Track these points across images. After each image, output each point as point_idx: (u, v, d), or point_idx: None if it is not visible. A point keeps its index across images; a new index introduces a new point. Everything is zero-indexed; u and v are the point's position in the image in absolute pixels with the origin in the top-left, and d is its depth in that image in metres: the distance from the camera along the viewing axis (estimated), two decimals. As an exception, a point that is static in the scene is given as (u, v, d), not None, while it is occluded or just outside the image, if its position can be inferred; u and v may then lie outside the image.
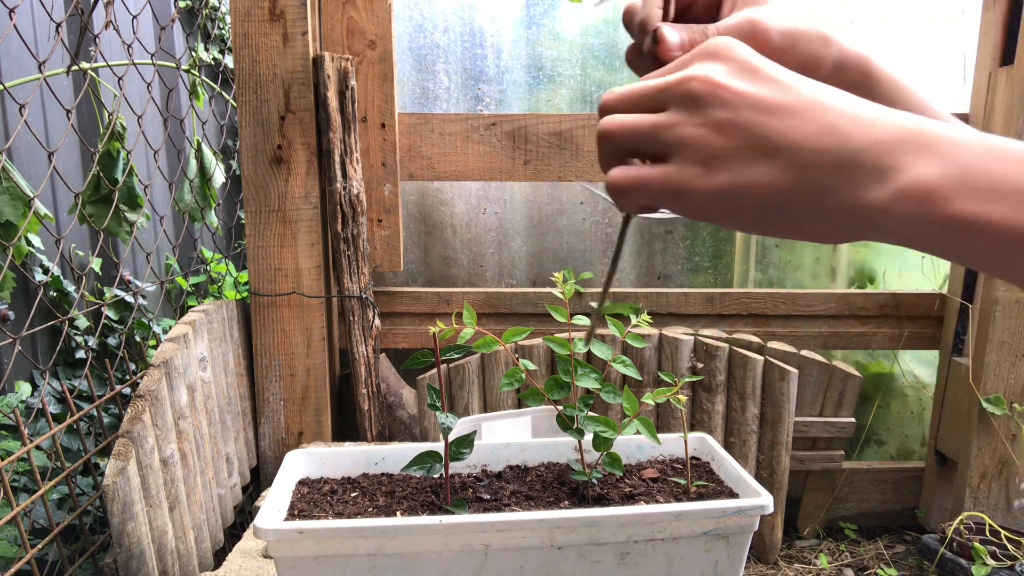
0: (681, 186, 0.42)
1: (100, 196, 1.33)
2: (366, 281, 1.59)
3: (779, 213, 0.40)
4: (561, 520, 0.82)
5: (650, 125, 0.43)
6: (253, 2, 1.43)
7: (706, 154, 0.41)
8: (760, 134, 0.39)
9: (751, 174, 0.40)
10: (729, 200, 0.41)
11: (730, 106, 0.40)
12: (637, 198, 0.44)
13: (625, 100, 0.45)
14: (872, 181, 0.37)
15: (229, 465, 1.45)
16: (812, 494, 1.80)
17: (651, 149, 0.43)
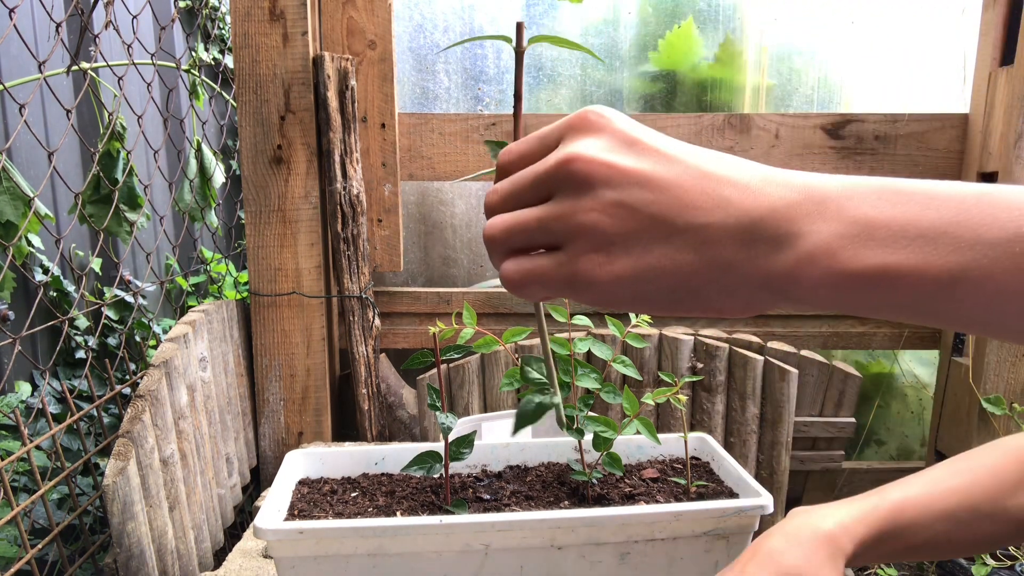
0: (578, 276, 0.39)
1: (100, 196, 1.33)
2: (366, 281, 1.59)
3: (687, 294, 0.38)
4: (561, 520, 0.82)
5: (536, 219, 0.40)
6: (253, 2, 1.43)
7: (601, 240, 0.38)
8: (653, 214, 0.37)
9: (651, 257, 0.38)
10: (633, 285, 0.39)
11: (616, 185, 0.38)
12: (535, 291, 0.42)
13: (508, 198, 0.43)
14: (773, 251, 0.36)
15: (229, 465, 1.45)
16: (812, 494, 1.80)
17: (543, 241, 0.41)
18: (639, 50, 1.80)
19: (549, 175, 0.40)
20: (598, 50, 1.81)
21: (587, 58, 1.81)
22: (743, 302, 0.38)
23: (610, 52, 1.80)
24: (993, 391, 1.62)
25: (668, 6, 1.79)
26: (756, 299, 0.38)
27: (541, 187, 0.41)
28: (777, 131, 1.67)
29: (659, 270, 0.38)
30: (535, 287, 0.41)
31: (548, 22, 1.79)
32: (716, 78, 1.81)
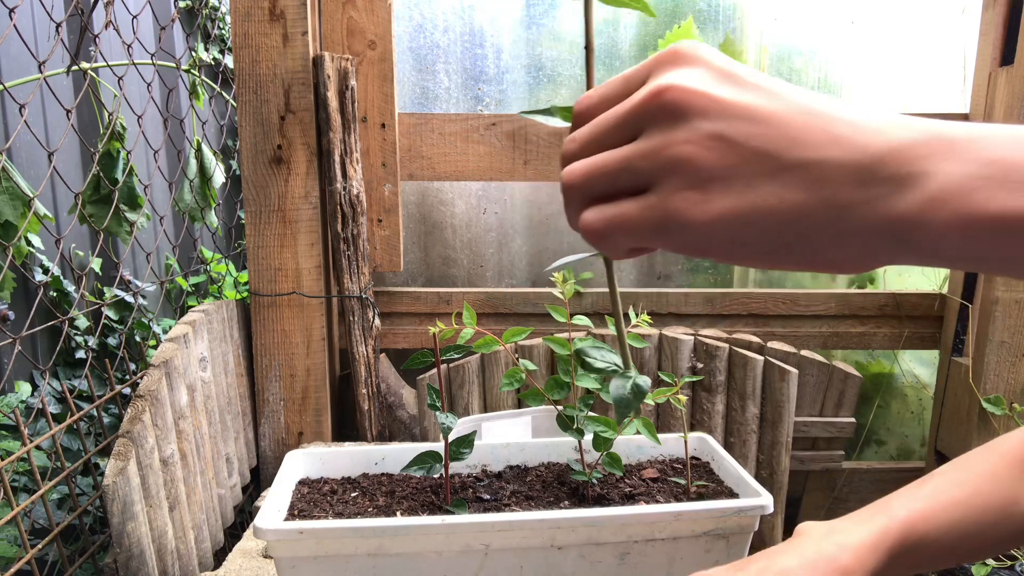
0: (670, 217, 0.35)
1: (100, 196, 1.33)
2: (366, 281, 1.59)
3: (795, 238, 0.34)
4: (561, 520, 0.82)
5: (621, 159, 0.37)
6: (253, 2, 1.43)
7: (698, 176, 0.34)
8: (758, 148, 0.34)
9: (756, 195, 0.34)
10: (733, 228, 0.35)
11: (716, 117, 0.34)
12: (620, 240, 0.37)
13: (588, 143, 0.39)
14: (897, 191, 0.32)
15: (229, 465, 1.45)
16: (812, 494, 1.80)
17: (628, 184, 0.37)
18: (639, 50, 1.80)
19: (637, 109, 0.36)
20: (598, 50, 1.81)
21: (587, 58, 1.81)
22: (857, 251, 0.34)
23: (610, 52, 1.80)
24: (993, 391, 1.62)
25: (668, 6, 1.79)
26: (872, 248, 0.34)
27: (627, 125, 0.37)
28: (777, 131, 1.67)
29: (764, 210, 0.34)
30: (620, 236, 0.37)
31: (548, 22, 1.79)
32: (716, 78, 1.81)
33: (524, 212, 1.88)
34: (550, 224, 1.88)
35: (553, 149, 1.67)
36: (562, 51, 1.80)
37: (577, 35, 1.80)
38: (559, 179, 0.40)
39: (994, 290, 1.60)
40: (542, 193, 1.87)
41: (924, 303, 1.76)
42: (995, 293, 1.60)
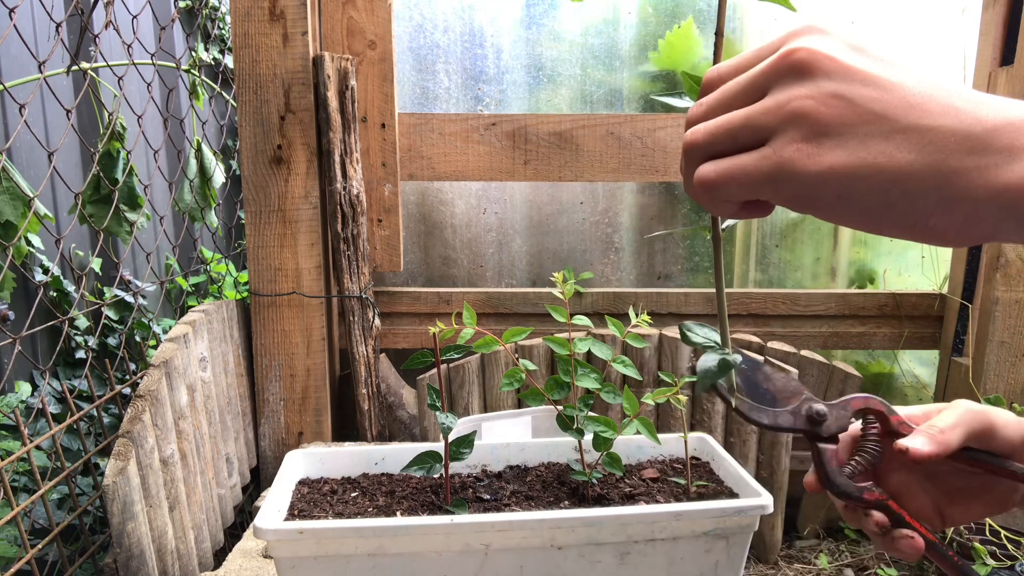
0: (783, 167, 0.37)
1: (100, 196, 1.33)
2: (366, 281, 1.59)
3: (900, 197, 0.36)
4: (561, 520, 0.82)
5: (743, 116, 0.39)
6: (253, 2, 1.43)
7: (813, 129, 0.36)
8: (875, 110, 0.35)
9: (867, 152, 0.35)
10: (842, 181, 0.36)
11: (839, 78, 0.36)
12: (734, 191, 0.39)
13: (715, 106, 0.41)
14: (1008, 162, 0.34)
15: (229, 465, 1.45)
16: (812, 494, 1.80)
17: (748, 140, 0.39)
18: (639, 50, 1.80)
19: (767, 70, 0.38)
20: (598, 50, 1.81)
21: (587, 58, 1.81)
22: (961, 218, 0.35)
23: (610, 52, 1.80)
24: (993, 391, 1.62)
25: (668, 6, 1.79)
26: (977, 216, 0.35)
27: (755, 87, 0.39)
28: (777, 131, 1.67)
29: (874, 167, 0.35)
30: (733, 185, 0.39)
31: (548, 22, 1.79)
32: (716, 78, 1.81)
33: (524, 212, 1.88)
34: (550, 224, 1.88)
35: (553, 149, 1.67)
36: (562, 51, 1.80)
37: (577, 35, 1.80)
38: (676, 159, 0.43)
39: (994, 290, 1.60)
40: (542, 193, 1.87)
41: (924, 303, 1.76)
42: (995, 293, 1.60)
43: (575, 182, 1.79)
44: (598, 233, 1.89)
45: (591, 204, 1.87)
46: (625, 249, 1.90)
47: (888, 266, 1.91)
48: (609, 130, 1.67)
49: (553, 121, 1.67)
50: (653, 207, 1.88)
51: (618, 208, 1.88)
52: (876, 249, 1.91)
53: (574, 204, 1.87)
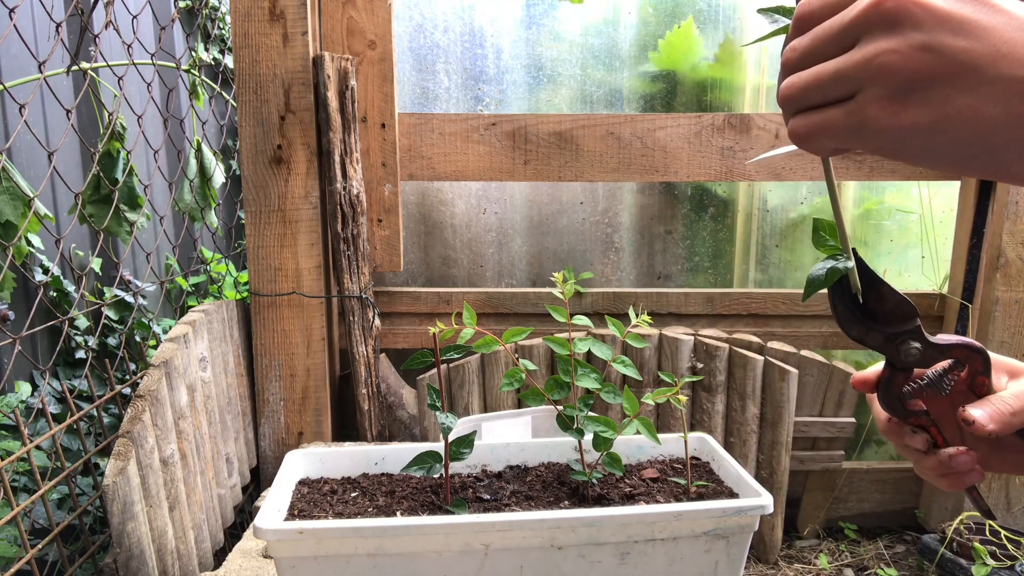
0: (867, 123, 0.38)
1: (100, 196, 1.33)
2: (366, 281, 1.59)
3: (984, 150, 0.37)
4: (561, 520, 0.82)
5: (833, 70, 0.39)
6: (253, 2, 1.43)
7: (898, 85, 0.37)
8: (963, 62, 0.36)
9: (951, 108, 0.36)
10: (925, 136, 0.37)
11: (928, 28, 0.36)
12: (824, 142, 0.41)
13: (809, 53, 0.41)
14: None
15: (229, 465, 1.45)
16: (812, 494, 1.80)
17: (838, 93, 0.40)
18: (639, 50, 1.80)
19: (857, 19, 0.38)
20: (598, 50, 1.81)
21: (587, 58, 1.81)
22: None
23: (610, 52, 1.80)
24: (993, 391, 1.62)
25: (668, 6, 1.79)
26: None
27: (846, 34, 0.39)
28: (777, 131, 1.67)
29: (958, 121, 0.36)
30: (822, 138, 0.41)
31: (548, 22, 1.79)
32: (716, 78, 1.81)
33: (524, 212, 1.88)
34: (550, 224, 1.88)
35: (553, 149, 1.67)
36: (562, 51, 1.80)
37: (577, 35, 1.80)
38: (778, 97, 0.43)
39: (994, 290, 1.60)
40: (542, 193, 1.87)
41: (924, 303, 1.76)
42: (995, 293, 1.60)
43: (575, 182, 1.79)
44: (598, 233, 1.89)
45: (591, 204, 1.87)
46: (625, 249, 1.90)
47: (888, 266, 1.91)
48: (609, 130, 1.67)
49: (553, 121, 1.67)
50: (653, 207, 1.88)
51: (618, 208, 1.88)
52: (876, 249, 1.91)
53: (574, 204, 1.87)
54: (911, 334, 0.53)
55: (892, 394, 0.55)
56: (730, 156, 1.68)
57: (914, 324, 0.53)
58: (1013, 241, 1.58)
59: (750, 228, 1.91)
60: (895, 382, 0.55)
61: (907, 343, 0.53)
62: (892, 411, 0.55)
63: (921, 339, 0.53)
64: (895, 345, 0.53)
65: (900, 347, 0.53)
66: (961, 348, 0.54)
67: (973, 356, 0.54)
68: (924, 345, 0.53)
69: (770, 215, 1.89)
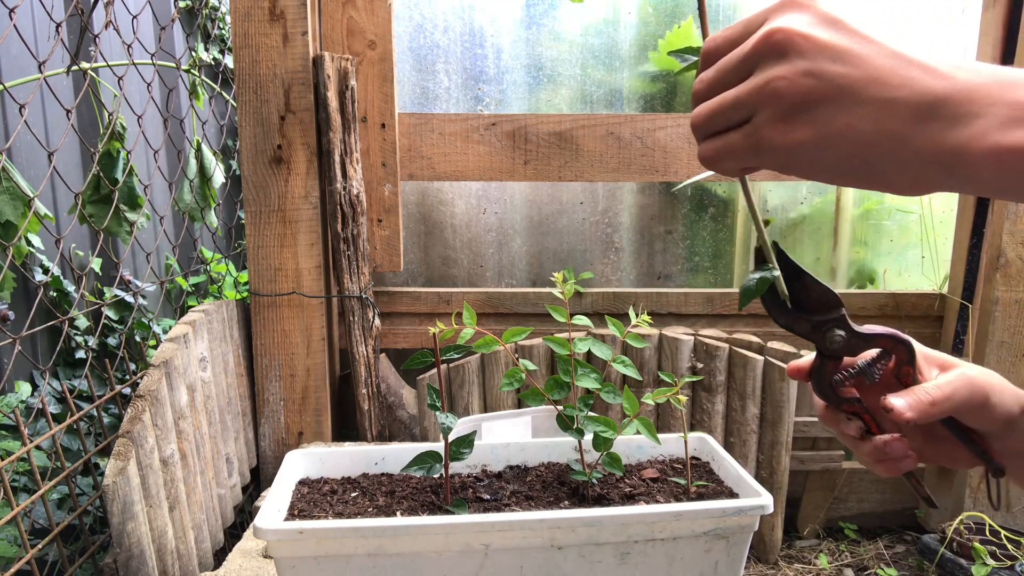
0: (762, 143, 0.43)
1: (100, 196, 1.33)
2: (366, 281, 1.59)
3: (861, 164, 0.41)
4: (561, 520, 0.82)
5: (733, 98, 0.44)
6: (253, 2, 1.43)
7: (786, 107, 0.41)
8: (841, 85, 0.40)
9: (832, 127, 0.41)
10: (812, 152, 0.42)
11: (811, 56, 0.41)
12: (729, 164, 0.46)
13: (714, 84, 0.46)
14: (949, 127, 0.39)
15: (229, 465, 1.45)
16: (812, 494, 1.80)
17: (737, 118, 0.44)
18: (639, 50, 1.80)
19: (752, 50, 0.43)
20: (598, 50, 1.81)
21: (587, 58, 1.81)
22: (911, 177, 0.41)
23: (610, 52, 1.80)
24: (993, 391, 1.61)
25: (668, 6, 1.79)
26: (924, 175, 0.40)
27: (743, 65, 0.44)
28: (777, 131, 1.67)
29: (838, 139, 0.41)
30: (727, 160, 0.46)
31: (548, 22, 1.79)
32: (716, 78, 1.81)
33: (524, 212, 1.88)
34: (550, 224, 1.88)
35: (553, 149, 1.67)
36: (562, 51, 1.80)
37: (577, 35, 1.79)
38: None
39: (994, 290, 1.60)
40: (542, 193, 1.87)
41: (924, 303, 1.76)
42: (995, 293, 1.60)
43: (575, 182, 1.79)
44: (598, 233, 1.89)
45: (591, 204, 1.87)
46: (625, 249, 1.90)
47: (888, 266, 1.91)
48: (609, 130, 1.67)
49: (553, 121, 1.67)
50: (653, 207, 1.88)
51: (618, 208, 1.88)
52: (876, 249, 1.91)
53: (574, 204, 1.87)
54: (835, 323, 0.56)
55: (824, 381, 0.57)
56: (730, 156, 1.68)
57: (838, 313, 0.56)
58: (1013, 241, 1.58)
59: (750, 228, 1.91)
60: (826, 370, 0.57)
61: (832, 331, 0.56)
62: (825, 398, 0.58)
63: (846, 328, 0.56)
64: (821, 333, 0.56)
65: (825, 335, 0.56)
66: (885, 338, 0.56)
67: (898, 346, 0.56)
68: (849, 333, 0.56)
69: (770, 215, 1.89)
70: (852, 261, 1.93)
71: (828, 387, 0.57)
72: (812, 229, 1.90)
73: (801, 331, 0.56)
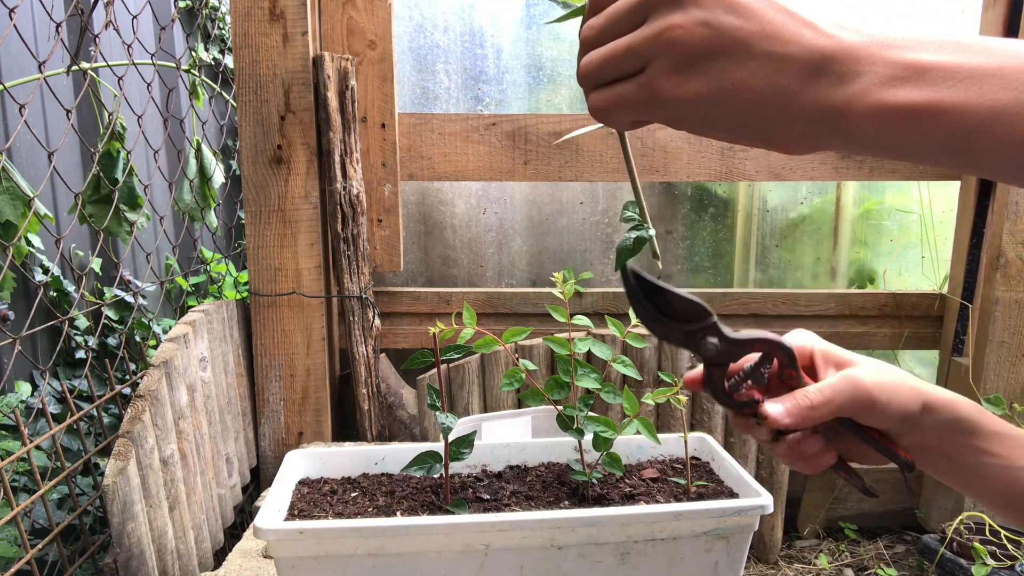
0: (655, 94, 0.42)
1: (100, 196, 1.33)
2: (366, 281, 1.59)
3: (752, 118, 0.41)
4: (561, 520, 0.82)
5: (626, 46, 0.43)
6: (253, 2, 1.43)
7: (681, 58, 0.41)
8: (735, 38, 0.40)
9: (725, 80, 0.40)
10: (704, 106, 0.41)
11: (706, 6, 0.40)
12: (619, 116, 0.45)
13: (604, 31, 0.45)
14: (834, 85, 0.39)
15: (229, 465, 1.45)
16: (812, 494, 1.80)
17: (630, 68, 0.43)
18: (639, 50, 1.80)
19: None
20: (598, 50, 1.80)
21: (587, 58, 1.81)
22: (799, 134, 0.41)
23: (610, 52, 1.80)
24: (993, 391, 1.62)
25: (668, 6, 1.79)
26: (811, 132, 0.41)
27: (637, 12, 0.43)
28: (777, 131, 1.67)
29: (731, 93, 0.41)
30: (618, 111, 0.44)
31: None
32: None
33: (524, 212, 1.88)
34: (550, 224, 1.88)
35: (553, 149, 1.67)
36: (562, 51, 1.80)
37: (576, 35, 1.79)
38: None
39: (994, 290, 1.60)
40: (542, 193, 1.87)
41: (924, 303, 1.76)
42: (995, 293, 1.60)
43: (575, 182, 1.79)
44: (598, 233, 1.89)
45: (591, 204, 1.87)
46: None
47: (888, 266, 1.91)
48: (609, 130, 1.67)
49: (553, 121, 1.67)
50: (653, 207, 1.88)
51: (618, 208, 1.88)
52: (876, 249, 1.91)
53: (574, 204, 1.87)
54: (708, 331, 0.56)
55: (716, 387, 0.58)
56: (730, 156, 1.68)
57: (709, 321, 0.56)
58: (1013, 241, 1.58)
59: (750, 228, 1.91)
60: (714, 376, 0.58)
61: (704, 340, 0.56)
62: (723, 403, 0.58)
63: (719, 335, 0.56)
64: (695, 341, 0.56)
65: (699, 343, 0.56)
66: (761, 343, 0.57)
67: (774, 349, 0.57)
68: (722, 340, 0.56)
69: (770, 215, 1.89)
70: (852, 261, 1.93)
71: (723, 393, 0.58)
72: (812, 229, 1.90)
73: (677, 341, 0.57)
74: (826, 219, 1.90)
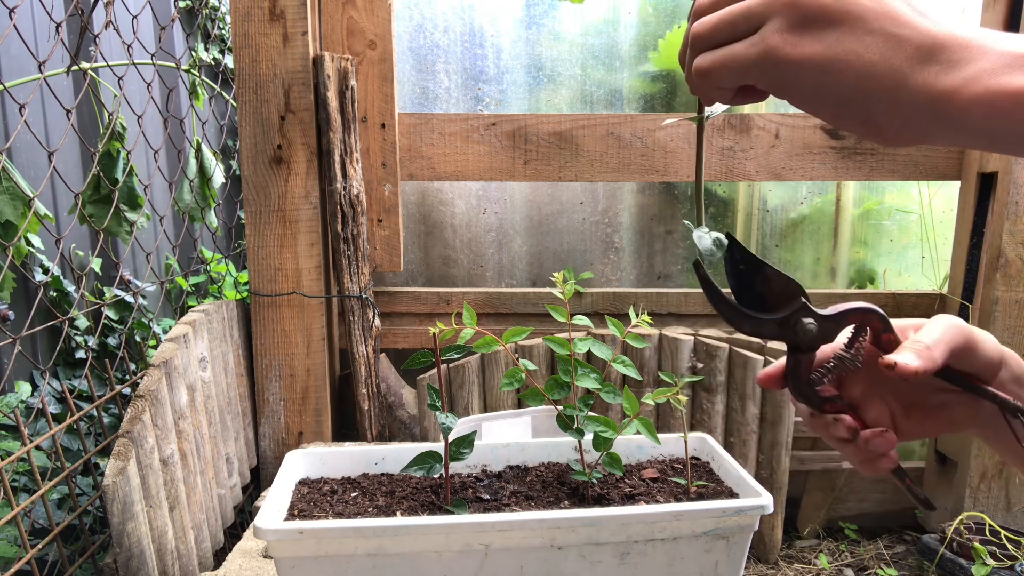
0: (769, 51, 0.42)
1: (100, 196, 1.33)
2: (366, 281, 1.59)
3: (860, 95, 0.42)
4: (561, 520, 0.82)
5: (743, 6, 0.44)
6: (253, 2, 1.43)
7: (800, 17, 0.41)
8: (854, 12, 0.41)
9: (840, 49, 0.41)
10: (816, 74, 0.42)
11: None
12: (726, 75, 0.45)
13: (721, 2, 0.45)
14: (945, 71, 0.40)
15: (229, 465, 1.45)
16: (812, 494, 1.80)
17: (744, 30, 0.44)
18: (639, 50, 1.80)
19: None
20: (598, 50, 1.81)
21: (587, 58, 1.81)
22: (902, 121, 0.42)
23: (610, 52, 1.80)
24: (993, 391, 1.61)
25: (668, 6, 1.79)
26: (915, 119, 0.41)
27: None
28: (777, 131, 1.67)
29: (844, 64, 0.41)
30: (725, 71, 0.44)
31: (548, 22, 1.79)
32: (716, 78, 1.81)
33: (524, 212, 1.88)
34: (550, 224, 1.88)
35: (553, 149, 1.67)
36: (562, 51, 1.80)
37: (577, 35, 1.79)
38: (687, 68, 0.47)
39: (994, 290, 1.60)
40: (542, 193, 1.87)
41: (924, 303, 1.76)
42: (995, 293, 1.60)
43: (575, 182, 1.79)
44: (598, 233, 1.89)
45: (591, 204, 1.87)
46: (625, 249, 1.90)
47: (888, 266, 1.91)
48: (609, 130, 1.67)
49: (553, 121, 1.67)
50: (653, 207, 1.88)
51: (618, 208, 1.88)
52: (876, 249, 1.91)
53: (574, 204, 1.87)
54: (802, 312, 0.53)
55: (802, 381, 0.54)
56: (730, 156, 1.68)
57: (801, 302, 0.53)
58: (1013, 241, 1.58)
59: (750, 228, 1.91)
60: (802, 368, 0.54)
61: (800, 322, 0.53)
62: (807, 401, 0.55)
63: (813, 315, 0.53)
64: (790, 327, 0.53)
65: (795, 327, 0.53)
66: (855, 313, 0.54)
67: (869, 316, 0.54)
68: (818, 319, 0.53)
69: (770, 215, 1.89)
70: (852, 261, 1.93)
71: (808, 387, 0.54)
72: (812, 229, 1.90)
73: (770, 332, 0.53)
74: (826, 219, 1.90)
